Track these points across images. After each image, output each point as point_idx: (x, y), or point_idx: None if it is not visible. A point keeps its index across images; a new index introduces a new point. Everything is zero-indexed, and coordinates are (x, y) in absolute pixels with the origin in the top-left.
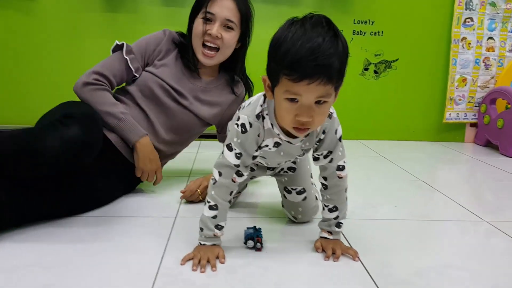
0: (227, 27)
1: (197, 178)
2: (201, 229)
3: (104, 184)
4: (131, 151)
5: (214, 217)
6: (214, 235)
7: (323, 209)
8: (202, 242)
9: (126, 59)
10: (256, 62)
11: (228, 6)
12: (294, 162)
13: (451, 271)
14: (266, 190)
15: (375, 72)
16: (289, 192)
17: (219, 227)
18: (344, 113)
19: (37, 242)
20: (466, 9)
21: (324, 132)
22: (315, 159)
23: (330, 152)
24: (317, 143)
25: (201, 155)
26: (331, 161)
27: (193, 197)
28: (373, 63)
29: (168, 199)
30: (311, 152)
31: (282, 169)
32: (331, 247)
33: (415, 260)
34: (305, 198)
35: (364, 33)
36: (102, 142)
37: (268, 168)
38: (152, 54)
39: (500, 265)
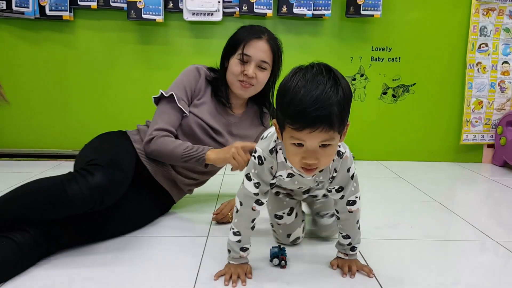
0: (261, 67)
1: (227, 200)
2: (229, 251)
3: (140, 209)
4: (165, 178)
5: (239, 241)
6: (240, 256)
7: (339, 234)
8: (231, 262)
9: (180, 107)
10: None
11: (263, 48)
12: (329, 191)
13: None
14: None
15: (393, 96)
16: (321, 217)
17: (243, 249)
18: (364, 135)
19: (90, 267)
20: (480, 35)
21: (336, 171)
22: (329, 191)
23: (342, 188)
24: (330, 179)
25: (228, 177)
26: (342, 197)
27: (224, 219)
28: (391, 87)
29: (200, 220)
30: None
31: (316, 196)
32: (347, 264)
33: (428, 278)
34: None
35: (382, 59)
36: (126, 185)
37: (303, 192)
38: (193, 95)
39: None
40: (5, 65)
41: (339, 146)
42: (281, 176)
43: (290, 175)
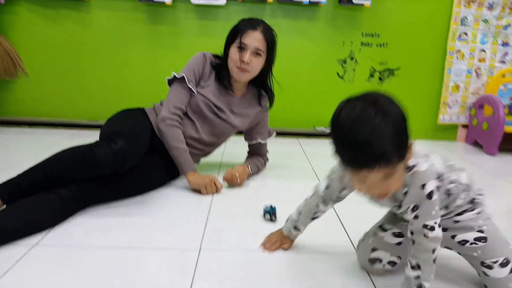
0: (257, 53)
1: (232, 167)
2: (286, 220)
3: (155, 173)
4: None
5: (295, 220)
6: (290, 231)
7: (406, 266)
8: (283, 230)
9: (190, 87)
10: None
11: (258, 38)
12: (481, 231)
13: None
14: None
15: (380, 78)
16: (489, 267)
17: (296, 228)
18: None
19: (116, 217)
20: (461, 25)
21: (406, 186)
22: (405, 211)
23: (416, 207)
24: (404, 195)
25: (228, 149)
26: (416, 217)
27: (233, 181)
28: (378, 71)
29: None
30: None
31: (467, 241)
32: None
33: None
34: None
35: (371, 45)
36: (143, 152)
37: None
38: (200, 77)
39: None
40: (24, 41)
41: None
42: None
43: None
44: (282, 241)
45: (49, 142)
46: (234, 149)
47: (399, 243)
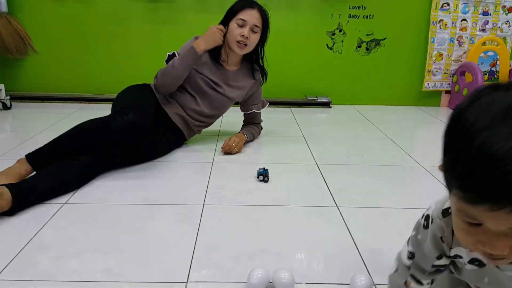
0: (254, 30)
1: (228, 137)
2: None
3: (161, 142)
4: (180, 120)
5: None
6: None
7: None
8: None
9: None
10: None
11: (255, 15)
12: None
13: (380, 195)
14: None
15: (367, 49)
16: None
17: None
18: (341, 84)
19: (131, 179)
20: None
21: None
22: None
23: None
24: None
25: (226, 118)
26: None
27: (230, 150)
28: (365, 42)
29: (206, 151)
30: None
31: None
32: None
33: (364, 186)
34: None
35: (358, 17)
36: (150, 122)
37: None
38: None
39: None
40: (33, 20)
41: None
42: (459, 258)
43: (475, 261)
44: None
45: (61, 115)
46: (231, 118)
47: None
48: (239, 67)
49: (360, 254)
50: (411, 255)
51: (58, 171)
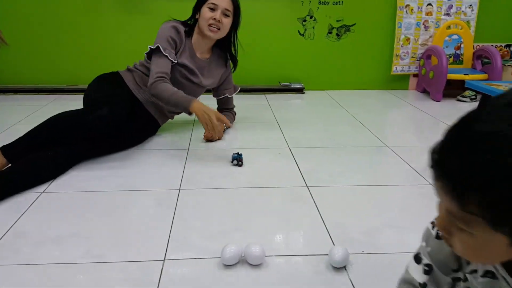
0: (226, 14)
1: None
2: None
3: (135, 131)
4: (153, 108)
5: None
6: None
7: None
8: None
9: (166, 55)
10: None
11: (226, 0)
12: None
13: (347, 175)
14: None
15: (337, 35)
16: None
17: None
18: (313, 69)
19: (107, 169)
20: None
21: None
22: None
23: None
24: None
25: None
26: None
27: (212, 137)
28: (335, 28)
29: (182, 139)
30: None
31: None
32: None
33: (333, 167)
34: None
35: (328, 3)
36: (125, 115)
37: None
38: (177, 47)
39: (389, 174)
40: (2, 11)
41: None
42: (474, 272)
43: (489, 274)
44: None
45: (35, 107)
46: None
47: None
48: (211, 54)
49: (326, 228)
50: (429, 268)
51: (34, 162)
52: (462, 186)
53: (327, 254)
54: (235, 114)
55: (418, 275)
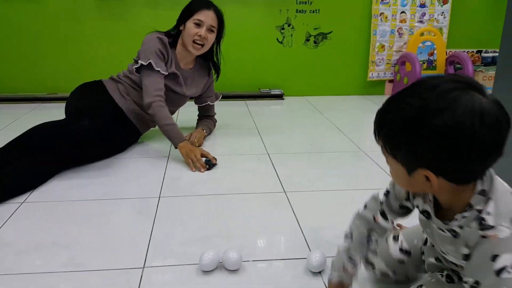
0: (211, 30)
1: (191, 133)
2: (332, 263)
3: (117, 140)
4: (136, 117)
5: (348, 246)
6: (344, 267)
7: None
8: (331, 279)
9: (158, 70)
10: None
11: (212, 16)
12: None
13: (327, 179)
14: None
15: (315, 42)
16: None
17: (351, 259)
18: (292, 76)
19: (88, 178)
20: None
21: (468, 246)
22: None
23: (477, 283)
24: (464, 258)
25: (181, 115)
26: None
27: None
28: (312, 35)
29: (162, 146)
30: None
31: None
32: None
33: (310, 172)
34: None
35: (305, 11)
36: (106, 124)
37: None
38: (165, 58)
39: (358, 177)
40: None
41: (489, 214)
42: (417, 206)
43: (425, 213)
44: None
45: (15, 115)
46: (186, 113)
47: (401, 261)
48: (194, 64)
49: (302, 232)
50: (387, 193)
51: (15, 172)
52: (377, 130)
53: (304, 258)
54: (216, 121)
55: (382, 194)
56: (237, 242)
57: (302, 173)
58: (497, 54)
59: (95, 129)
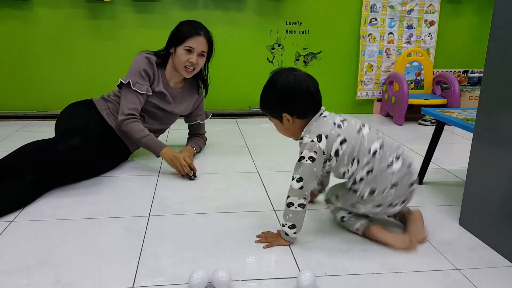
0: (201, 55)
1: (180, 151)
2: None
3: (107, 158)
4: (127, 137)
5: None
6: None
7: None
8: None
9: (135, 90)
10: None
11: (202, 42)
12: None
13: None
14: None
15: (304, 62)
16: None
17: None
18: None
19: (77, 196)
20: (371, 11)
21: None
22: None
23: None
24: None
25: (172, 132)
26: None
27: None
28: (302, 55)
29: (151, 164)
30: None
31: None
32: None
33: None
34: None
35: (295, 32)
36: (96, 145)
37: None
38: (150, 78)
39: None
40: None
41: (304, 132)
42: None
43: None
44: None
45: (5, 133)
46: (177, 131)
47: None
48: (184, 84)
49: (291, 252)
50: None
51: (3, 190)
52: (261, 106)
53: (293, 277)
54: (206, 139)
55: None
56: (228, 261)
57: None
58: (482, 74)
59: (85, 147)
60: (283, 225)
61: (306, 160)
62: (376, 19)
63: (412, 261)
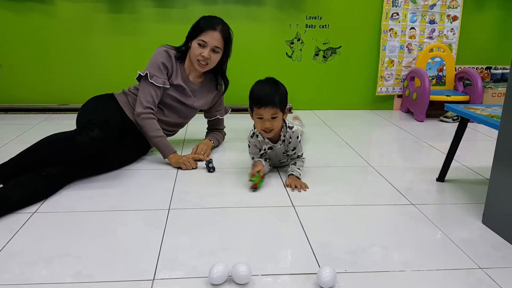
0: (215, 51)
1: (197, 145)
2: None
3: (127, 151)
4: None
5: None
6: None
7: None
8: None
9: (152, 82)
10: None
11: (217, 37)
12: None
13: (334, 193)
14: None
15: (324, 57)
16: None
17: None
18: (300, 89)
19: (98, 189)
20: (393, 6)
21: (290, 138)
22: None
23: (295, 148)
24: (287, 146)
25: (190, 126)
26: (294, 149)
27: (199, 157)
28: (322, 50)
29: None
30: None
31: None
32: (295, 182)
33: (318, 187)
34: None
35: (314, 26)
36: (116, 137)
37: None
38: (168, 71)
39: (366, 188)
40: None
41: (288, 123)
42: (264, 149)
43: (270, 148)
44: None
45: (26, 126)
46: (195, 126)
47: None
48: (203, 79)
49: (311, 247)
50: (248, 146)
51: (26, 182)
52: (273, 102)
53: (312, 273)
54: (225, 134)
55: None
56: (247, 255)
57: (310, 187)
58: (506, 71)
59: (105, 139)
60: (300, 174)
61: (301, 140)
62: (397, 14)
63: (434, 259)
